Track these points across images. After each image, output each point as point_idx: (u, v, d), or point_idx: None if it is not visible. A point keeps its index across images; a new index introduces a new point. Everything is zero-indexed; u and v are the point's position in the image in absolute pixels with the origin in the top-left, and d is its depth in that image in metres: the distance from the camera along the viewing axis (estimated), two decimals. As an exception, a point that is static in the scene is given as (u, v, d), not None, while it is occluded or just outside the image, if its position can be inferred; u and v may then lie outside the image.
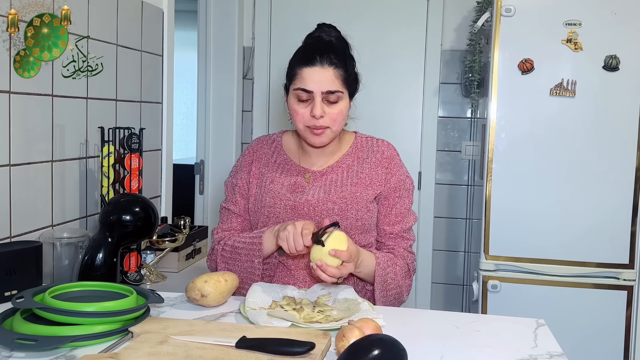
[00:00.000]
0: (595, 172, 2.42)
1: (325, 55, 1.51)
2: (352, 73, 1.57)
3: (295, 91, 1.53)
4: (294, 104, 1.55)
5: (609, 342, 2.45)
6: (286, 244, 1.43)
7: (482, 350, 1.21)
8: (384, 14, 3.15)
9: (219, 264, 1.60)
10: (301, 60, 1.53)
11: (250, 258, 1.53)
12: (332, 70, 1.50)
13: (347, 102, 1.56)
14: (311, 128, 1.53)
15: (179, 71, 2.85)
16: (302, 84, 1.51)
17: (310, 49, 1.55)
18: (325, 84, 1.50)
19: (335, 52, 1.53)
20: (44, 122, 1.74)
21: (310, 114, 1.51)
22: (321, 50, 1.52)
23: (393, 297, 1.57)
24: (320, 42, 1.56)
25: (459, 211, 3.21)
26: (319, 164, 1.63)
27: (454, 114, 3.18)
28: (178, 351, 1.11)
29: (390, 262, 1.56)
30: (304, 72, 1.51)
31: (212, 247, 1.67)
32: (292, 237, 1.42)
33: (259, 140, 1.73)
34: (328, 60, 1.50)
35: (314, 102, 1.51)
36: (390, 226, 1.62)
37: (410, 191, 1.65)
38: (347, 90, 1.55)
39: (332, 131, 1.55)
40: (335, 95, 1.51)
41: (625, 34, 2.36)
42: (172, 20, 2.46)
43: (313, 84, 1.50)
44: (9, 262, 1.46)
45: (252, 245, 1.53)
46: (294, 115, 1.55)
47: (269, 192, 1.60)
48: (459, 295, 3.24)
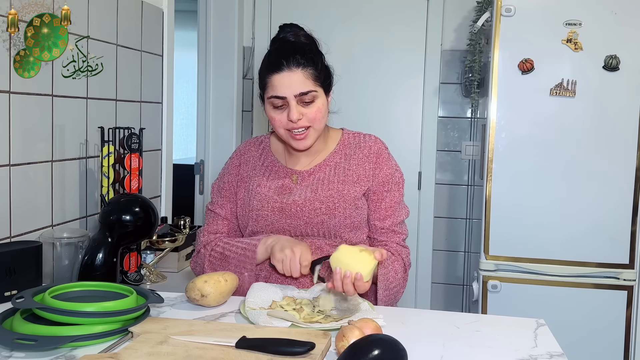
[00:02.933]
0: (595, 172, 2.42)
1: (291, 57, 1.49)
2: (323, 68, 1.55)
3: (270, 99, 1.52)
4: (270, 112, 1.53)
5: (609, 342, 2.45)
6: (281, 266, 1.45)
7: (482, 351, 1.21)
8: (384, 14, 3.15)
9: (207, 270, 1.59)
10: (268, 67, 1.51)
11: (240, 270, 1.53)
12: (300, 72, 1.49)
13: (324, 99, 1.54)
14: (292, 133, 1.52)
15: (179, 71, 2.85)
16: (274, 92, 1.50)
17: (275, 54, 1.52)
18: (297, 87, 1.48)
19: (301, 52, 1.50)
20: (44, 122, 1.74)
21: (288, 119, 1.50)
22: (286, 53, 1.50)
23: (394, 295, 1.57)
24: (285, 45, 1.54)
25: (459, 211, 3.21)
26: (305, 164, 1.63)
27: (454, 114, 3.18)
28: (178, 351, 1.11)
29: (389, 260, 1.55)
30: (273, 79, 1.49)
31: (198, 250, 1.65)
32: (289, 263, 1.43)
33: (247, 143, 1.72)
34: (295, 62, 1.49)
35: (289, 106, 1.49)
36: (380, 221, 1.61)
37: (400, 184, 1.63)
38: (321, 87, 1.53)
39: (314, 130, 1.53)
40: (310, 95, 1.50)
41: (625, 34, 2.36)
42: (172, 20, 2.46)
43: (284, 89, 1.48)
44: (9, 262, 1.46)
45: (244, 257, 1.53)
46: (273, 123, 1.54)
47: (256, 195, 1.60)
48: (459, 295, 3.24)
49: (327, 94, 1.57)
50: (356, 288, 1.32)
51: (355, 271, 1.30)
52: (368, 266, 1.31)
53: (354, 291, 1.33)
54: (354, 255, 1.32)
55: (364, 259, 1.31)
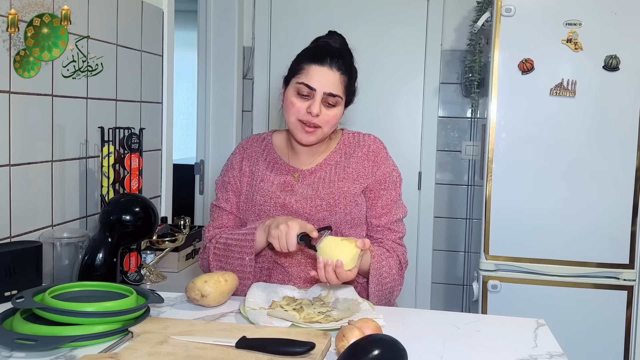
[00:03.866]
0: (595, 172, 2.42)
1: (336, 59, 1.54)
2: (354, 84, 1.61)
3: (298, 85, 1.54)
4: (292, 97, 1.55)
5: (609, 342, 2.45)
6: (277, 242, 1.44)
7: (482, 350, 1.21)
8: (384, 14, 3.15)
9: (211, 262, 1.59)
10: (311, 57, 1.55)
11: (242, 255, 1.53)
12: (338, 75, 1.54)
13: (342, 109, 1.59)
14: (303, 123, 1.54)
15: (179, 71, 2.85)
16: (307, 80, 1.53)
17: (322, 49, 1.57)
18: (329, 86, 1.52)
19: (344, 60, 1.57)
20: (44, 122, 1.74)
21: (307, 110, 1.53)
22: (333, 53, 1.55)
23: (388, 292, 1.57)
24: (333, 46, 1.60)
25: (459, 211, 3.21)
26: (307, 162, 1.65)
27: (454, 114, 3.18)
28: (178, 351, 1.11)
29: (383, 256, 1.56)
30: (311, 68, 1.53)
31: (204, 246, 1.67)
32: (285, 237, 1.43)
33: (249, 139, 1.74)
34: (337, 64, 1.54)
35: (314, 99, 1.52)
36: (376, 219, 1.63)
37: (397, 183, 1.66)
38: (345, 98, 1.58)
39: (322, 132, 1.57)
40: (335, 99, 1.54)
41: (625, 34, 2.36)
42: (172, 20, 2.46)
43: (318, 82, 1.52)
44: (9, 262, 1.46)
45: (244, 242, 1.53)
46: (289, 107, 1.56)
47: (259, 190, 1.62)
48: (459, 295, 3.24)
49: (346, 107, 1.62)
50: (338, 276, 1.38)
51: (335, 259, 1.36)
52: (349, 253, 1.37)
53: (336, 280, 1.39)
54: (336, 244, 1.39)
55: (345, 247, 1.38)
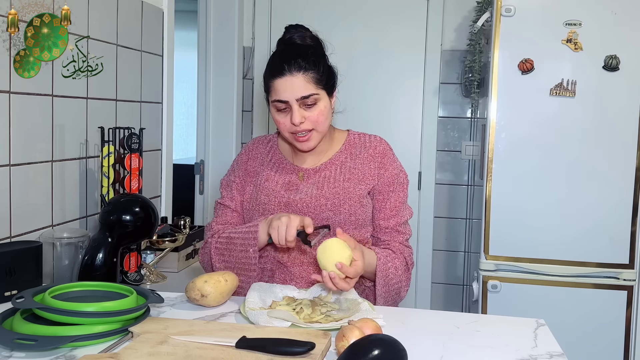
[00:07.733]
0: (595, 172, 2.42)
1: (292, 61, 1.51)
2: (325, 71, 1.56)
3: (273, 103, 1.55)
4: (275, 115, 1.57)
5: (609, 342, 2.45)
6: (277, 233, 1.44)
7: (482, 351, 1.21)
8: (384, 14, 3.15)
9: (213, 257, 1.59)
10: (271, 72, 1.54)
11: (245, 248, 1.53)
12: (301, 76, 1.51)
13: (327, 101, 1.56)
14: (296, 135, 1.55)
15: (179, 71, 2.85)
16: (277, 96, 1.53)
17: (277, 58, 1.55)
18: (298, 91, 1.51)
19: (303, 56, 1.52)
20: (44, 122, 1.74)
21: (290, 122, 1.53)
22: (288, 57, 1.52)
23: (395, 292, 1.57)
24: (287, 49, 1.56)
25: (459, 211, 3.21)
26: (312, 162, 1.65)
27: (454, 114, 3.18)
28: (178, 351, 1.11)
29: (389, 257, 1.56)
30: (276, 83, 1.52)
31: (206, 241, 1.67)
32: (285, 228, 1.43)
33: (255, 141, 1.76)
34: (296, 66, 1.51)
35: (292, 110, 1.52)
36: (385, 220, 1.62)
37: (404, 185, 1.66)
38: (324, 89, 1.55)
39: (317, 132, 1.56)
40: (312, 98, 1.52)
41: (625, 34, 2.36)
42: (172, 20, 2.46)
43: (286, 93, 1.51)
44: (9, 262, 1.46)
45: (248, 234, 1.53)
46: (278, 126, 1.58)
47: (264, 189, 1.62)
48: (459, 295, 3.24)
49: (331, 95, 1.59)
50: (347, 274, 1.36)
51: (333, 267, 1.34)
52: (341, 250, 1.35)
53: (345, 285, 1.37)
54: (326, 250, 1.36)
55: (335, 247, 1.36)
